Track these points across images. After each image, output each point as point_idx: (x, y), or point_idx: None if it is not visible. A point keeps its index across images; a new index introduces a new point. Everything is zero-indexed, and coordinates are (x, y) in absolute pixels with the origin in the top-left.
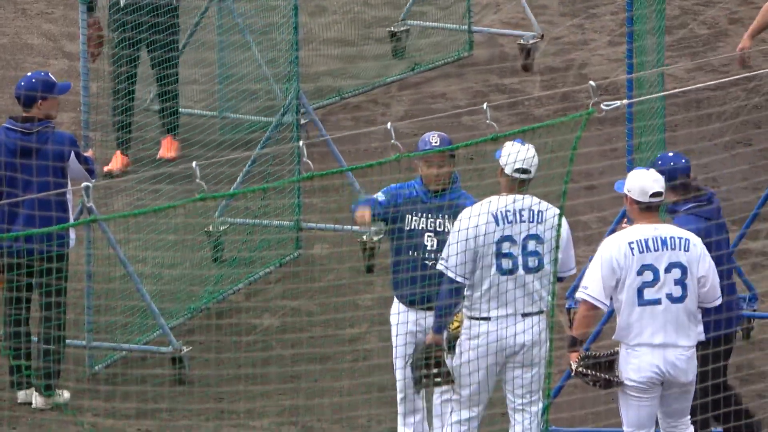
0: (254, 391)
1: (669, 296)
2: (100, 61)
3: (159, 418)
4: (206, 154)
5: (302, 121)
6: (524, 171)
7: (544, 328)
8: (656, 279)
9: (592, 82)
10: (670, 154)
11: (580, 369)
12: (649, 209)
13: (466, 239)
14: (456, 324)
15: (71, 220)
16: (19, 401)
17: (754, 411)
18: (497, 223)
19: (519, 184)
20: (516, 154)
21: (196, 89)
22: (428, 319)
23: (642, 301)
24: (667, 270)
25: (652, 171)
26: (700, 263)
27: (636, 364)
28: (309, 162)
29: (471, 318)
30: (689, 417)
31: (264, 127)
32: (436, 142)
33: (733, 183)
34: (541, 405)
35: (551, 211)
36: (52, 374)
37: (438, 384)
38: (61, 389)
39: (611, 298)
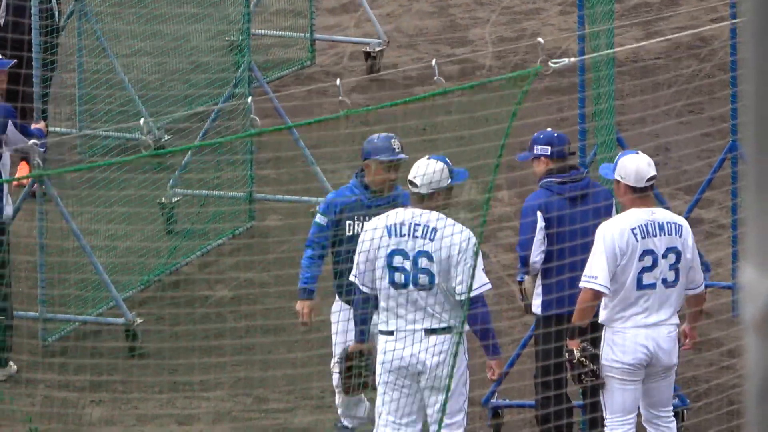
0: (208, 363)
1: (664, 281)
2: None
3: (112, 391)
4: None
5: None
6: (413, 184)
7: (447, 349)
8: (655, 264)
9: (540, 39)
10: (547, 132)
11: (583, 359)
12: (644, 194)
13: (367, 250)
14: None
15: (5, 193)
16: None
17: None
18: (389, 236)
19: (417, 198)
20: (416, 168)
21: (148, 61)
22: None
23: (640, 286)
24: (664, 255)
25: (643, 154)
26: (690, 248)
27: (624, 345)
28: (256, 118)
29: (379, 333)
30: (672, 408)
31: (215, 101)
32: (398, 148)
33: (685, 150)
34: (461, 430)
35: (451, 231)
36: (2, 346)
37: (364, 389)
38: (11, 362)
39: None
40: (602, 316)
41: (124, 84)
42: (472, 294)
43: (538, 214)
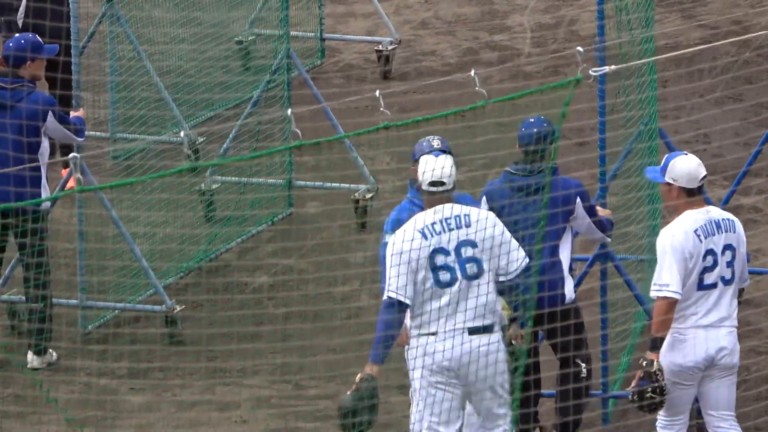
0: (247, 349)
1: (723, 279)
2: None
3: (152, 378)
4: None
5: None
6: (440, 183)
7: (498, 350)
8: (715, 263)
9: (579, 48)
10: (532, 119)
11: (658, 372)
12: (698, 195)
13: (407, 261)
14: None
15: (44, 181)
16: None
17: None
18: (425, 238)
19: (439, 197)
20: (431, 169)
21: (184, 48)
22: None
23: (701, 286)
24: (723, 252)
25: (692, 155)
26: (744, 242)
27: (683, 349)
28: (298, 132)
29: (417, 335)
30: (735, 413)
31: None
32: (438, 145)
33: (724, 139)
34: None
35: (482, 214)
36: (42, 334)
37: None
38: (50, 350)
39: None
40: None
41: (157, 87)
42: (519, 269)
43: (483, 200)
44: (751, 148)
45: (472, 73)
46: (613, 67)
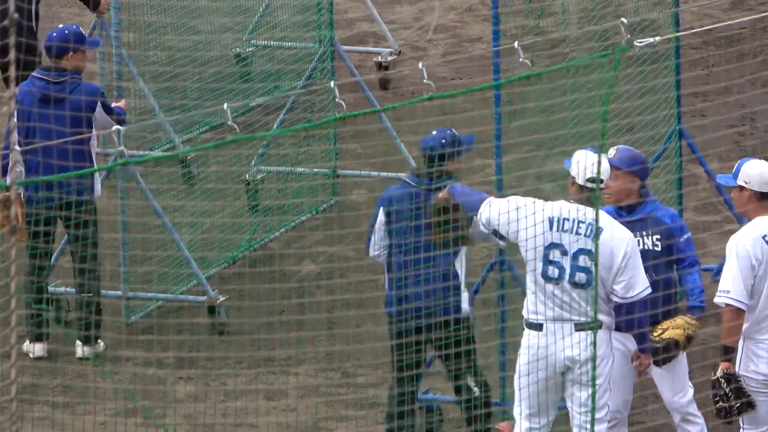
0: (296, 337)
1: None
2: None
3: (200, 367)
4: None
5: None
6: (597, 181)
7: (603, 344)
8: None
9: (623, 19)
10: (435, 132)
11: (722, 380)
12: None
13: (516, 231)
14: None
15: (96, 175)
16: (24, 351)
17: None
18: (551, 228)
19: (591, 194)
20: (590, 164)
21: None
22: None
23: None
24: None
25: (764, 161)
26: None
27: (765, 357)
28: (342, 102)
29: (526, 325)
30: None
31: (296, 79)
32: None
33: None
34: (605, 424)
35: (616, 232)
36: (91, 324)
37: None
38: (99, 340)
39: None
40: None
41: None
42: (635, 298)
43: (380, 210)
44: None
45: (516, 44)
46: (658, 38)
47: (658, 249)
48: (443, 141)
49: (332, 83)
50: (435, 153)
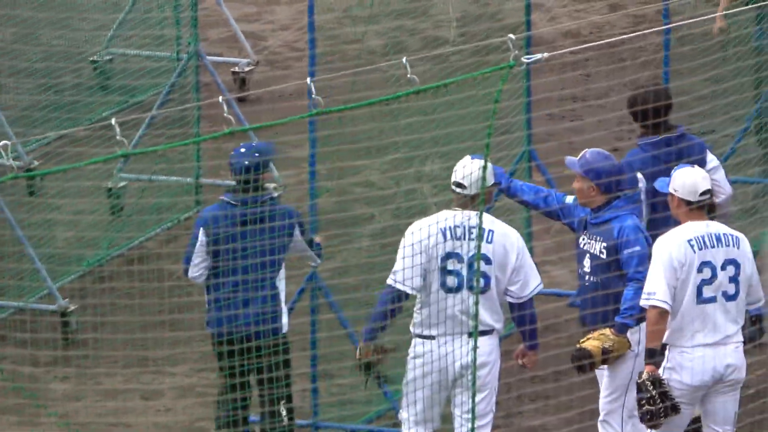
0: (173, 338)
1: (724, 294)
2: None
3: (78, 366)
4: None
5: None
6: (461, 186)
7: (494, 350)
8: (714, 276)
9: (511, 36)
10: (243, 149)
11: (647, 383)
12: (699, 208)
13: (419, 252)
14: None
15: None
16: None
17: None
18: (445, 239)
19: (465, 199)
20: (462, 169)
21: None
22: None
23: (701, 300)
24: (723, 267)
25: (698, 168)
26: (750, 261)
27: (690, 368)
28: (231, 117)
29: (416, 336)
30: (734, 428)
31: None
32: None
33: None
34: (489, 429)
35: (505, 232)
36: None
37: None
38: None
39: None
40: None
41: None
42: (530, 295)
43: (200, 230)
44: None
45: (404, 60)
46: (546, 54)
47: (603, 257)
48: (253, 155)
49: (220, 98)
50: (248, 168)
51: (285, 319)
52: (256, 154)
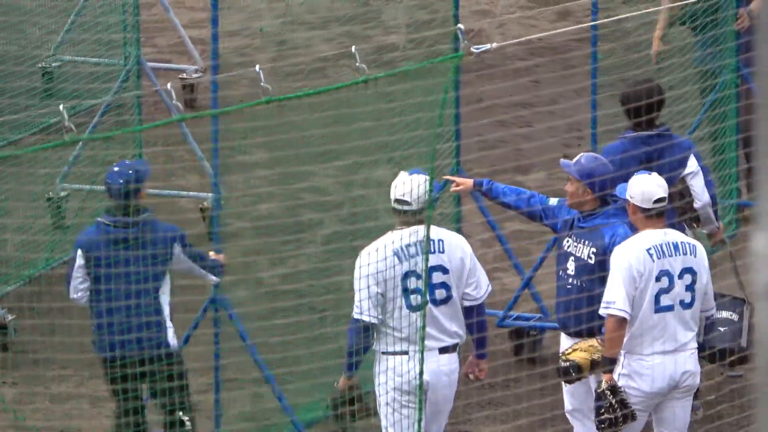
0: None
1: (681, 302)
2: None
3: (24, 370)
4: None
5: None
6: (404, 203)
7: (456, 368)
8: (671, 285)
9: (460, 26)
10: (116, 168)
11: (607, 392)
12: (657, 215)
13: (378, 281)
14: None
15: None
16: None
17: None
18: (401, 261)
19: (409, 215)
20: (403, 185)
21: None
22: None
23: (658, 308)
24: (680, 275)
25: (655, 175)
26: (706, 269)
27: (646, 375)
28: (179, 104)
29: (386, 353)
30: None
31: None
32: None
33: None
34: None
35: (455, 239)
36: None
37: (361, 418)
38: None
39: None
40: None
41: None
42: (485, 296)
43: (78, 252)
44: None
45: (353, 49)
46: (495, 44)
47: (592, 262)
48: (128, 174)
49: (169, 85)
50: (124, 190)
51: (171, 337)
52: (130, 173)
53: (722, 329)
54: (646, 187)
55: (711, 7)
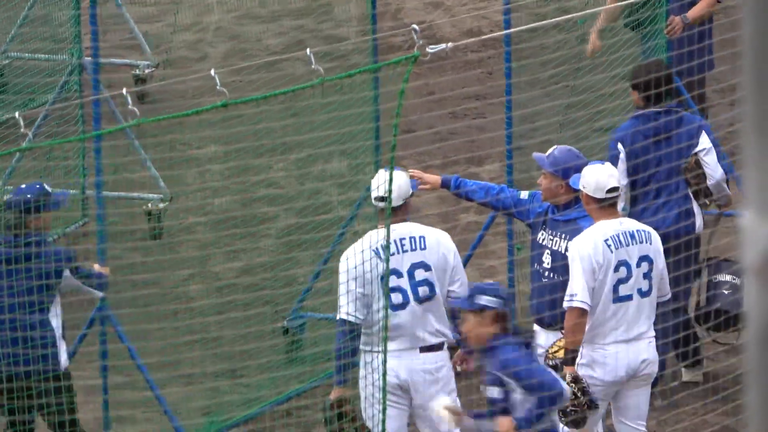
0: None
1: (639, 291)
2: None
3: None
4: None
5: None
6: (385, 199)
7: (441, 365)
8: (630, 275)
9: (415, 26)
10: (24, 185)
11: (575, 389)
12: (611, 205)
13: (357, 285)
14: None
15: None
16: None
17: None
18: (381, 259)
19: (391, 212)
20: (384, 182)
21: None
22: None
23: (617, 298)
24: (638, 264)
25: (608, 165)
26: (661, 255)
27: (605, 364)
28: (135, 109)
29: (369, 352)
30: (645, 422)
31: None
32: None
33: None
34: None
35: (437, 235)
36: None
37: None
38: None
39: None
40: None
41: None
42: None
43: None
44: (575, 131)
45: (308, 51)
46: (450, 44)
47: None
48: (29, 196)
49: (123, 90)
50: (22, 207)
51: (63, 356)
52: (29, 196)
53: (725, 291)
54: (599, 176)
55: (649, 17)
